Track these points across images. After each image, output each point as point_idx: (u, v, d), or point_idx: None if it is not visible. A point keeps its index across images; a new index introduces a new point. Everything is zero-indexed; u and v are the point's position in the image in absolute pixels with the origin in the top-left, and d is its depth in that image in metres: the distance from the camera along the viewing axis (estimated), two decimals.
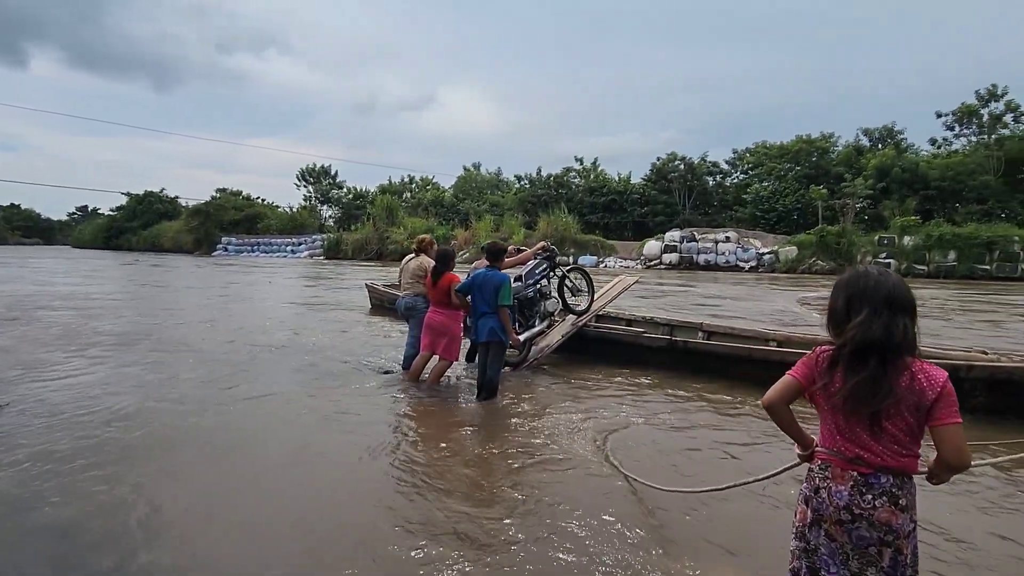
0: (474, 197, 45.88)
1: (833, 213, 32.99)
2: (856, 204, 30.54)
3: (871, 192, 30.64)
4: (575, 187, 43.38)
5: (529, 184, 45.38)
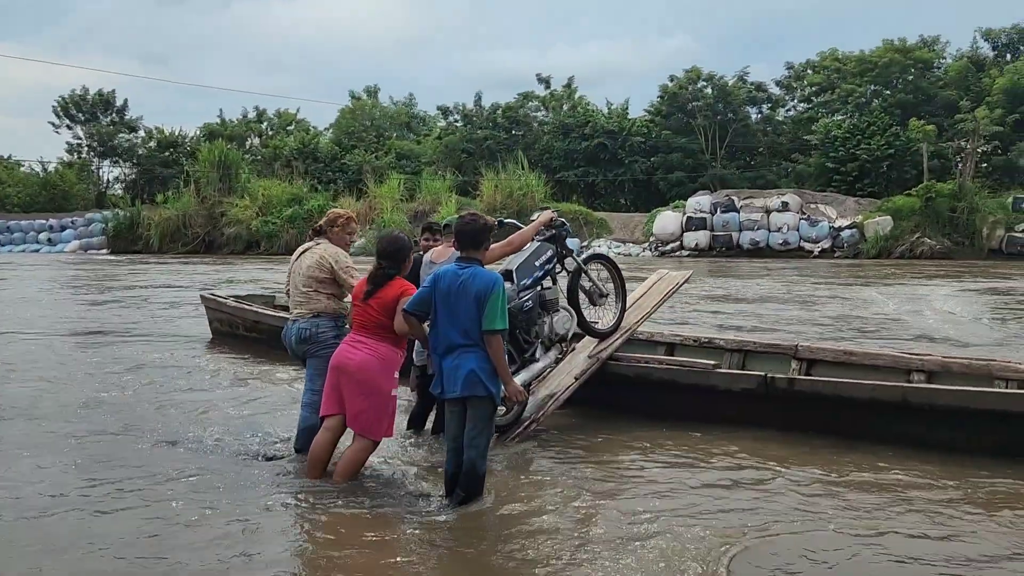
0: (369, 143, 45.29)
1: (945, 162, 34.81)
2: (979, 148, 32.30)
3: (999, 128, 32.47)
4: (538, 125, 43.65)
5: (463, 122, 45.31)
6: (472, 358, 4.08)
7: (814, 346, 6.44)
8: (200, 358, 8.95)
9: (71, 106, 52.60)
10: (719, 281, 19.13)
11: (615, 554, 3.57)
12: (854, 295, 15.39)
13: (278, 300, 10.92)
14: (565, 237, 5.89)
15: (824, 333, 10.25)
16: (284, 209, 36.08)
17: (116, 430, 5.67)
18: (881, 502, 4.24)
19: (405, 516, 4.10)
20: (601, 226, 34.10)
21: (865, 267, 24.18)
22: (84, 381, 7.47)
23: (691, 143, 40.47)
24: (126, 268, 26.04)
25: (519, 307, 5.32)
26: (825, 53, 41.86)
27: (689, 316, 12.06)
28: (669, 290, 6.84)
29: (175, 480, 4.59)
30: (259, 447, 5.31)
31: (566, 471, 4.84)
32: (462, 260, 4.26)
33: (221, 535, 3.80)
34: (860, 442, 5.16)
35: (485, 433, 4.16)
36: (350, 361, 4.49)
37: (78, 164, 51.65)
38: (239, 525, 3.93)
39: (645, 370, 6.08)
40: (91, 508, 4.16)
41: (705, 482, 4.58)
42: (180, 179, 40.43)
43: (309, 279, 5.07)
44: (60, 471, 4.77)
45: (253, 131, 53.69)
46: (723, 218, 31.49)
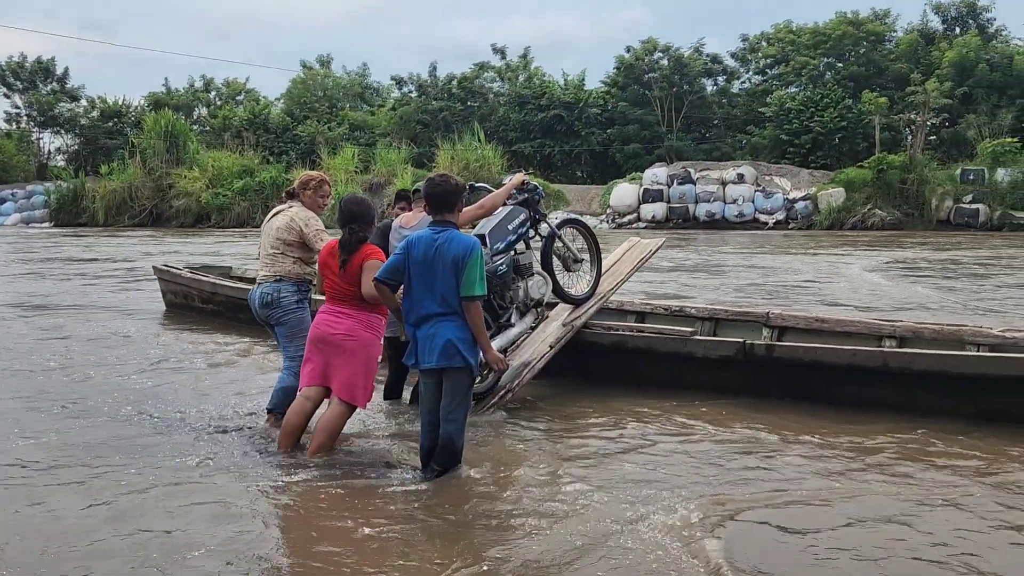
0: (322, 114, 44.34)
1: (896, 135, 35.39)
2: (928, 120, 32.87)
3: (948, 101, 33.04)
4: (494, 97, 43.16)
5: (418, 92, 44.60)
6: (449, 327, 3.88)
7: (786, 314, 6.43)
8: (154, 330, 8.65)
9: (8, 73, 50.48)
10: (675, 253, 19.19)
11: (592, 527, 3.44)
12: (809, 264, 15.58)
13: (234, 271, 10.63)
14: (538, 201, 5.76)
15: (782, 297, 10.31)
16: (235, 181, 35.22)
17: (66, 407, 5.38)
18: (860, 466, 4.20)
19: (379, 489, 3.93)
20: (558, 198, 33.93)
21: (818, 239, 24.51)
22: (26, 357, 7.11)
23: (647, 115, 40.41)
24: (70, 242, 25.19)
25: (493, 271, 5.18)
26: (780, 25, 42.06)
27: (646, 286, 12.03)
28: (642, 257, 6.72)
29: (136, 457, 4.34)
30: (221, 419, 5.08)
31: (541, 441, 4.73)
32: (436, 224, 4.02)
33: (188, 513, 3.59)
34: (837, 408, 5.13)
35: (463, 406, 3.98)
36: (335, 331, 4.30)
37: (17, 134, 49.74)
38: (208, 504, 3.72)
39: (621, 338, 6.00)
40: (42, 489, 3.91)
41: (681, 451, 4.50)
42: (125, 150, 39.13)
43: (277, 240, 4.94)
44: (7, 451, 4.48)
45: (201, 101, 52.15)
46: (679, 190, 31.61)
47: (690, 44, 41.71)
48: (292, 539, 3.44)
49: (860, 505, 3.68)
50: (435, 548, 3.27)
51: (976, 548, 3.21)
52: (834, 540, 3.31)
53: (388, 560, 3.19)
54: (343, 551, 3.26)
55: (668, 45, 40.80)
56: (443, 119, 41.23)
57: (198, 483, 3.98)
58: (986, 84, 33.73)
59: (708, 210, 31.27)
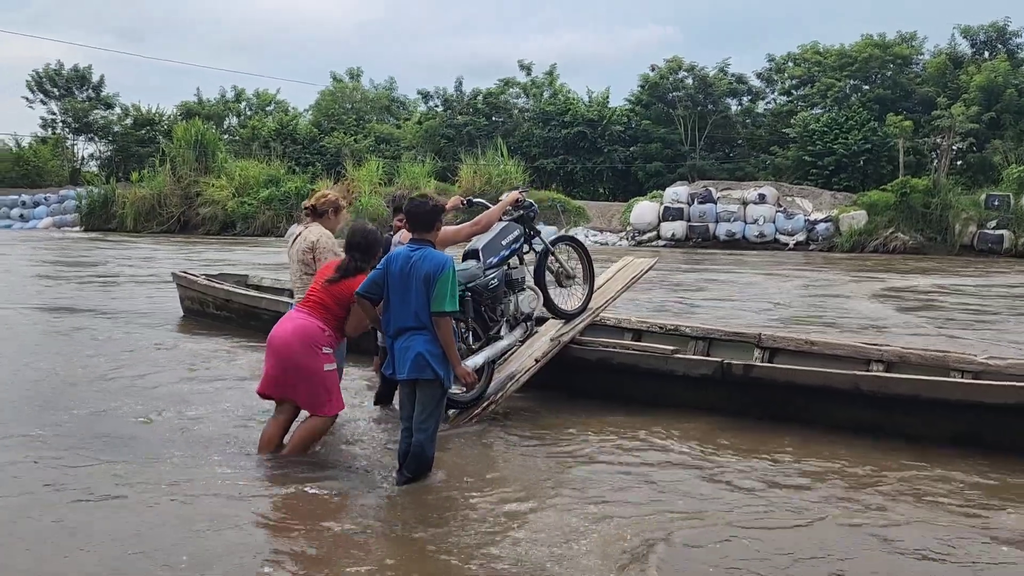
0: (349, 126, 44.92)
1: (921, 158, 35.10)
2: (953, 144, 32.63)
3: (975, 126, 32.80)
4: (519, 112, 43.49)
5: (443, 107, 45.02)
6: (420, 340, 4.05)
7: (777, 335, 6.50)
8: (167, 335, 8.89)
9: (45, 81, 51.65)
10: (691, 271, 19.24)
11: (547, 541, 3.55)
12: (825, 287, 15.57)
13: (251, 280, 10.87)
14: (533, 218, 5.97)
15: (784, 320, 10.36)
16: (261, 190, 35.74)
17: (72, 407, 5.61)
18: (825, 493, 4.25)
19: (350, 492, 4.09)
20: (579, 214, 34.10)
21: (836, 261, 24.41)
22: (45, 358, 7.39)
23: (671, 133, 40.49)
24: (99, 246, 25.73)
25: (484, 285, 5.35)
26: (806, 46, 41.95)
27: (660, 303, 12.13)
28: (634, 276, 6.87)
29: (120, 460, 4.54)
30: (210, 422, 5.28)
31: (517, 454, 4.85)
32: (414, 242, 4.23)
33: (160, 512, 3.78)
34: (813, 429, 5.21)
35: (433, 416, 4.14)
36: (275, 336, 4.50)
37: (52, 140, 50.85)
38: (178, 502, 3.91)
39: (606, 354, 6.11)
40: (33, 489, 4.11)
41: (646, 469, 4.58)
42: (156, 158, 39.86)
43: (301, 264, 5.27)
44: (10, 450, 4.71)
45: (231, 111, 53.04)
46: (700, 209, 31.59)
47: (715, 64, 41.77)
48: (255, 538, 3.61)
49: (805, 535, 3.72)
50: (377, 552, 3.42)
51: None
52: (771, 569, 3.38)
53: (333, 562, 3.34)
54: (288, 551, 3.42)
55: (693, 64, 40.88)
56: (467, 133, 41.58)
57: (175, 484, 4.14)
58: (1014, 109, 33.43)
59: (728, 230, 31.22)
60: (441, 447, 4.59)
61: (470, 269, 5.35)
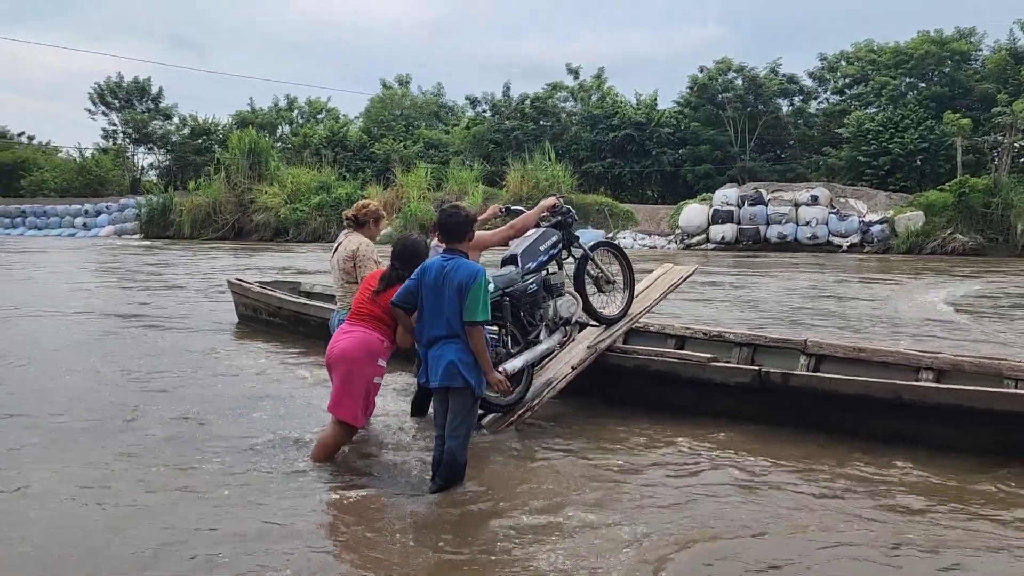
0: (399, 132, 45.47)
1: (980, 157, 34.06)
2: (1016, 142, 31.56)
3: None
4: (567, 116, 43.48)
5: (491, 112, 45.27)
6: (453, 349, 4.13)
7: (824, 342, 6.37)
8: (220, 341, 9.12)
9: (107, 93, 53.49)
10: (740, 274, 18.99)
11: (581, 551, 3.56)
12: (878, 292, 15.22)
13: (303, 287, 11.11)
14: (571, 224, 6.01)
15: (843, 326, 10.16)
16: (312, 197, 36.40)
17: (121, 412, 5.80)
18: (858, 505, 4.17)
19: (384, 499, 4.16)
20: (627, 218, 33.93)
21: (894, 264, 23.83)
22: (104, 363, 7.65)
23: (720, 135, 40.07)
24: (157, 253, 26.47)
25: (523, 290, 5.44)
26: (860, 44, 41.12)
27: (706, 308, 12.02)
28: (673, 283, 6.84)
29: (163, 463, 4.69)
30: (260, 428, 5.39)
31: (551, 462, 4.85)
32: (447, 252, 4.31)
33: (210, 515, 3.90)
34: (853, 439, 5.10)
35: (465, 424, 4.19)
36: (333, 350, 4.63)
37: (114, 150, 52.59)
38: (215, 506, 4.03)
39: (643, 362, 6.09)
40: (82, 489, 4.28)
41: (686, 478, 4.55)
42: (211, 166, 40.91)
43: (342, 272, 5.44)
44: (71, 452, 4.90)
45: (284, 119, 54.20)
46: (750, 211, 31.18)
47: (766, 64, 41.19)
48: (291, 543, 3.68)
49: (844, 552, 3.66)
50: (407, 560, 3.49)
51: None
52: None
53: (363, 569, 3.41)
54: (320, 557, 3.50)
55: (743, 65, 40.41)
56: (515, 138, 41.73)
57: (225, 485, 4.28)
58: None
59: (780, 232, 30.75)
60: (476, 455, 4.65)
61: (508, 274, 5.42)
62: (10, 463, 4.62)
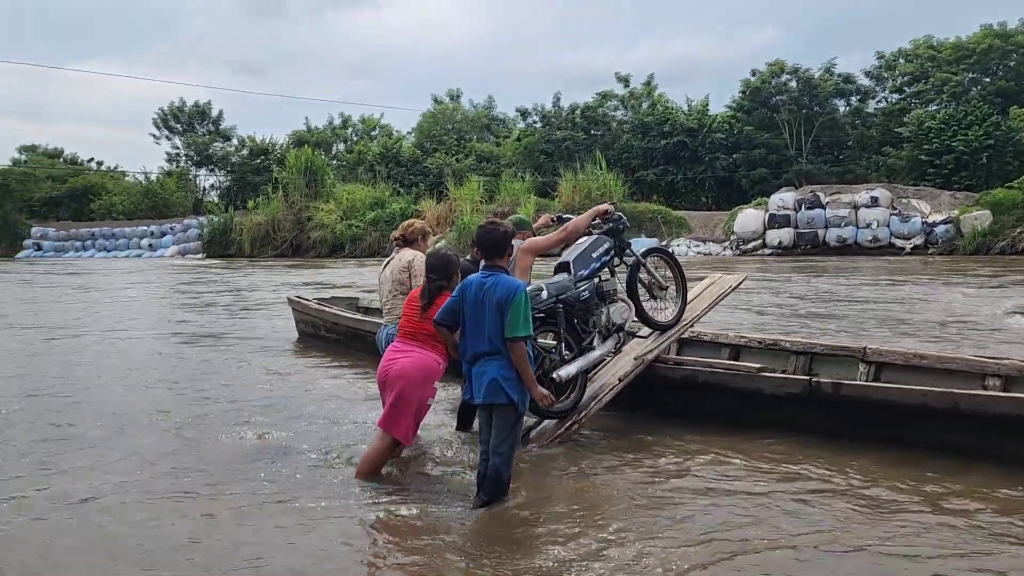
0: (450, 146, 45.91)
1: None
2: None
3: None
4: (617, 125, 43.33)
5: (541, 123, 45.39)
6: (495, 365, 4.15)
7: (883, 349, 6.17)
8: (280, 357, 9.33)
9: (170, 118, 55.29)
10: (799, 279, 18.61)
11: (627, 568, 3.52)
12: (941, 296, 14.75)
13: (361, 302, 11.31)
14: (622, 231, 6.05)
15: (901, 333, 9.89)
16: (367, 212, 37.00)
17: (184, 426, 5.97)
18: (916, 520, 4.04)
19: (429, 514, 4.19)
20: (680, 225, 33.61)
21: (962, 265, 23.06)
22: (170, 380, 7.91)
23: (775, 138, 39.45)
24: (219, 272, 27.17)
25: (576, 297, 5.50)
26: (919, 41, 40.09)
27: (763, 316, 11.83)
28: (722, 293, 6.74)
29: (236, 475, 4.81)
30: (306, 445, 5.47)
31: (597, 476, 4.82)
32: (486, 268, 4.34)
33: (262, 528, 3.99)
34: (914, 452, 4.94)
35: (509, 440, 4.20)
36: (390, 369, 4.71)
37: (177, 173, 54.28)
38: (260, 515, 4.11)
39: (691, 373, 6.02)
40: (139, 500, 4.39)
41: (735, 492, 4.47)
42: (269, 186, 41.92)
43: (395, 283, 5.55)
44: (134, 466, 5.06)
45: (339, 137, 55.25)
46: (808, 215, 30.60)
47: (820, 65, 40.44)
48: (341, 557, 3.75)
49: (900, 565, 3.58)
50: (446, 574, 3.51)
51: None
52: None
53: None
54: (362, 568, 3.55)
55: (796, 67, 39.75)
56: (566, 148, 41.74)
57: (279, 502, 4.36)
58: None
59: (839, 235, 30.09)
60: (521, 469, 4.65)
61: (561, 281, 5.48)
62: (85, 475, 4.80)
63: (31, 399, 7.02)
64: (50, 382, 7.80)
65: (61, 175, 54.46)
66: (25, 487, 4.63)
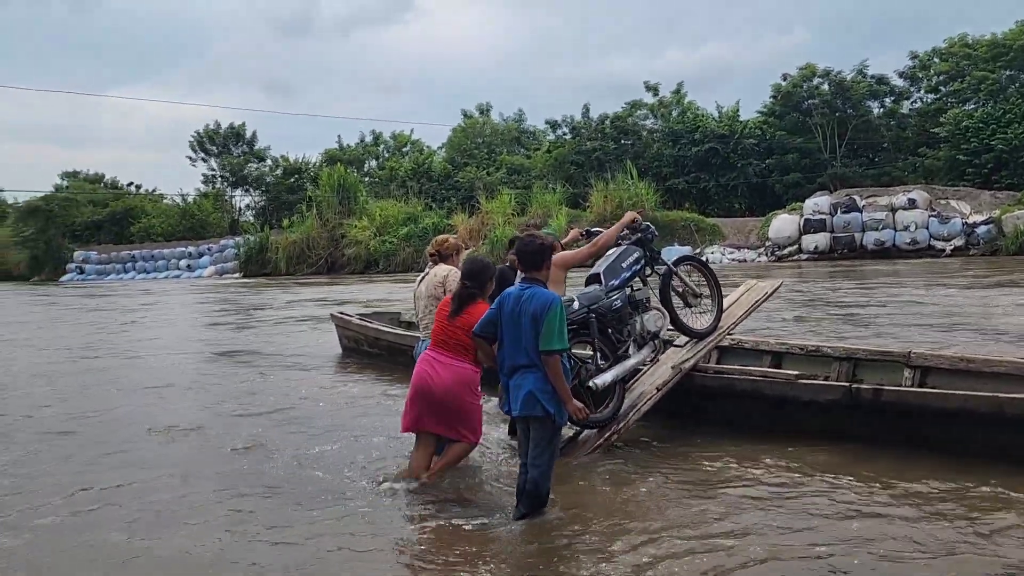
0: (481, 160, 46.16)
1: None
2: None
3: None
4: (648, 133, 43.25)
5: (571, 134, 45.46)
6: (531, 379, 4.18)
7: (929, 353, 6.03)
8: (326, 372, 9.49)
9: (206, 140, 56.28)
10: (837, 284, 18.40)
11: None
12: (985, 298, 14.48)
13: (403, 317, 11.44)
14: (652, 240, 6.10)
15: (949, 336, 9.73)
16: (400, 228, 37.33)
17: (237, 442, 6.09)
18: (962, 532, 3.95)
19: (467, 525, 4.25)
20: (714, 232, 33.41)
21: (1005, 266, 22.61)
22: (219, 396, 8.11)
23: (808, 142, 39.07)
24: (258, 292, 27.51)
25: (608, 306, 5.57)
26: (953, 39, 39.41)
27: (802, 325, 11.73)
28: (757, 300, 6.71)
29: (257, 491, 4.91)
30: (343, 458, 5.56)
31: (635, 487, 4.81)
32: (524, 281, 4.37)
33: (309, 535, 4.07)
34: (962, 458, 4.84)
35: (547, 453, 4.21)
36: (434, 386, 4.78)
37: (213, 194, 55.20)
38: (309, 523, 4.19)
39: (729, 381, 6.00)
40: (191, 513, 4.50)
41: (776, 502, 4.43)
42: (303, 204, 42.48)
43: (430, 299, 5.59)
44: (180, 482, 5.16)
45: (370, 154, 55.83)
46: (844, 219, 30.25)
47: (853, 66, 39.98)
48: (386, 567, 3.84)
49: None
50: None
51: None
52: None
53: None
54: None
55: (828, 69, 39.36)
56: (596, 159, 41.76)
57: (322, 510, 4.44)
58: None
59: (877, 238, 29.70)
60: (561, 480, 4.66)
61: (593, 292, 5.56)
62: (141, 493, 4.91)
63: (86, 419, 7.19)
64: (112, 401, 8.03)
65: (102, 199, 55.66)
66: (77, 502, 4.77)
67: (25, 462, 5.73)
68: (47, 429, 6.75)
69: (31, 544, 4.16)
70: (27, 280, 49.98)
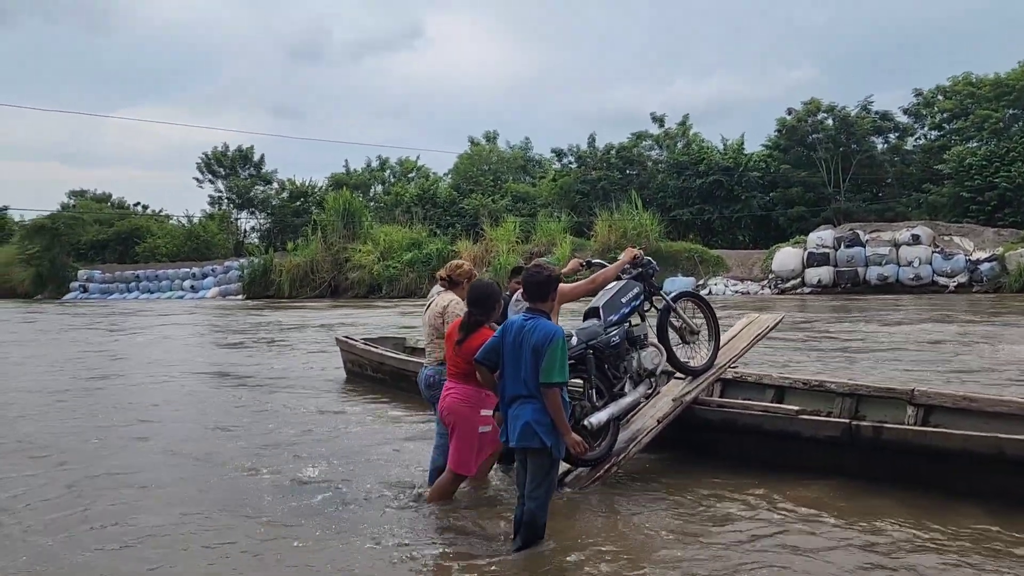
0: (487, 187, 46.36)
1: None
2: None
3: None
4: (653, 164, 43.46)
5: (577, 163, 45.70)
6: (529, 409, 4.15)
7: (932, 391, 6.00)
8: (331, 397, 9.47)
9: (213, 162, 56.57)
10: (840, 319, 18.38)
11: None
12: (991, 334, 14.45)
13: (408, 342, 11.45)
14: (652, 275, 6.05)
15: (953, 374, 9.70)
16: (404, 253, 37.40)
17: (239, 466, 6.10)
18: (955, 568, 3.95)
19: (464, 557, 4.22)
20: (717, 264, 33.45)
21: (1008, 303, 22.58)
22: (221, 418, 8.10)
23: (812, 176, 39.23)
24: (262, 315, 27.48)
25: (606, 342, 5.51)
26: (957, 78, 39.70)
27: (803, 356, 11.70)
28: (759, 334, 6.72)
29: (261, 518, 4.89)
30: (391, 480, 5.60)
31: (634, 520, 4.80)
32: (528, 311, 4.37)
33: None
34: (961, 499, 4.81)
35: (544, 485, 4.19)
36: (443, 408, 4.91)
37: (219, 215, 55.40)
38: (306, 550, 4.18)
39: (730, 415, 5.97)
40: (187, 539, 4.49)
41: (771, 537, 4.42)
42: (309, 227, 42.60)
43: (432, 328, 5.58)
44: (193, 502, 5.18)
45: (376, 179, 56.10)
46: (847, 253, 30.32)
47: (857, 102, 40.25)
48: None
49: None
50: None
51: None
52: None
53: None
54: None
55: (832, 105, 39.62)
56: (601, 188, 41.91)
57: (317, 536, 4.43)
58: None
59: (880, 273, 29.73)
60: (559, 512, 4.65)
61: (591, 327, 5.50)
62: (133, 513, 4.90)
63: (94, 442, 7.17)
64: (122, 419, 8.08)
65: (108, 219, 55.86)
66: (92, 519, 4.77)
67: (18, 483, 5.72)
68: (40, 450, 6.76)
69: (25, 566, 4.14)
70: (31, 298, 50.00)
